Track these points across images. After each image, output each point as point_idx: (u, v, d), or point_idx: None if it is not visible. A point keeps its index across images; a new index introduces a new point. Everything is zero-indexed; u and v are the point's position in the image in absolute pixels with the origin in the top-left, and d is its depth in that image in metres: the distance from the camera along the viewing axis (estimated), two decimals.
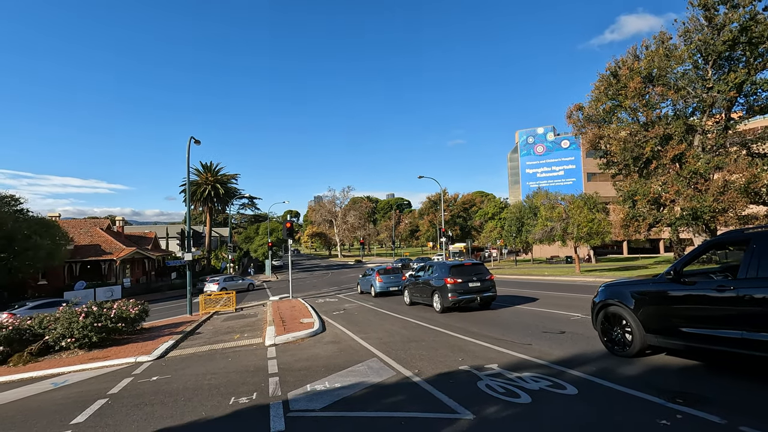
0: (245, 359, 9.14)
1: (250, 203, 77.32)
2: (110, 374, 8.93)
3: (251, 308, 20.52)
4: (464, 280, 13.55)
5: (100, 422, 5.82)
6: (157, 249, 51.97)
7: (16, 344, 11.15)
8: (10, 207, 30.65)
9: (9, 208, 30.51)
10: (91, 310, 11.78)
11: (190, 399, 6.49)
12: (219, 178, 56.75)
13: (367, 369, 7.39)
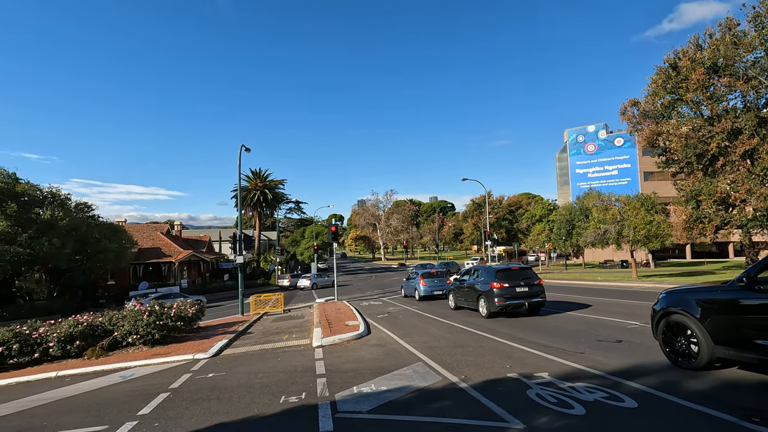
0: (294, 359, 9.41)
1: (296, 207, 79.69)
2: (171, 370, 9.51)
3: (298, 310, 21.10)
4: (511, 284, 13.18)
5: (163, 414, 6.22)
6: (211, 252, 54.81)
7: (90, 339, 12.16)
8: (83, 213, 33.56)
9: (83, 214, 33.41)
10: (154, 309, 12.63)
11: (243, 396, 6.79)
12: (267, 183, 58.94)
13: (412, 373, 7.38)
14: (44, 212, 30.51)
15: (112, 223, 36.64)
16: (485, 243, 44.76)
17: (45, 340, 11.58)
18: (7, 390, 9.32)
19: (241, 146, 21.56)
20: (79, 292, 33.34)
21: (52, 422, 6.41)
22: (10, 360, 11.25)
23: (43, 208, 31.07)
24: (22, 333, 11.51)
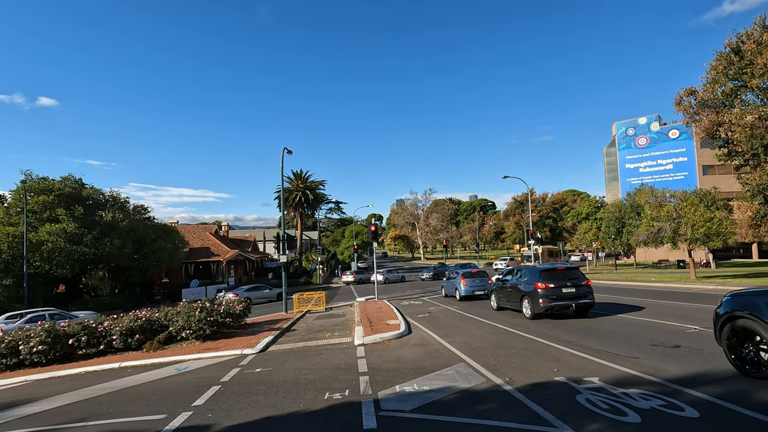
0: (336, 357, 9.59)
1: (336, 208, 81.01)
2: (221, 364, 9.97)
3: (339, 308, 21.45)
4: (557, 285, 12.73)
5: (215, 406, 6.53)
6: (256, 251, 56.85)
7: (148, 333, 12.99)
8: (140, 215, 35.86)
9: (140, 216, 35.70)
10: (205, 305, 13.29)
11: (289, 391, 7.00)
12: (308, 184, 60.31)
13: (455, 374, 7.31)
14: (106, 215, 32.87)
15: (166, 224, 38.90)
16: (528, 242, 43.50)
17: (109, 333, 12.49)
18: (77, 378, 10.14)
19: (284, 149, 22.20)
20: (137, 289, 35.63)
21: (117, 410, 6.90)
22: (80, 351, 12.22)
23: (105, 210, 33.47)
24: (89, 326, 12.48)
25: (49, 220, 29.67)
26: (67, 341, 12.01)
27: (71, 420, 6.59)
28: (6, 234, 28.27)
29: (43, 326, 12.15)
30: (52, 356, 11.77)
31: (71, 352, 12.18)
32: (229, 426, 5.59)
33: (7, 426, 6.67)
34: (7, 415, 7.27)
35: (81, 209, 30.68)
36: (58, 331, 12.07)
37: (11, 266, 27.92)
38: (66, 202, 30.81)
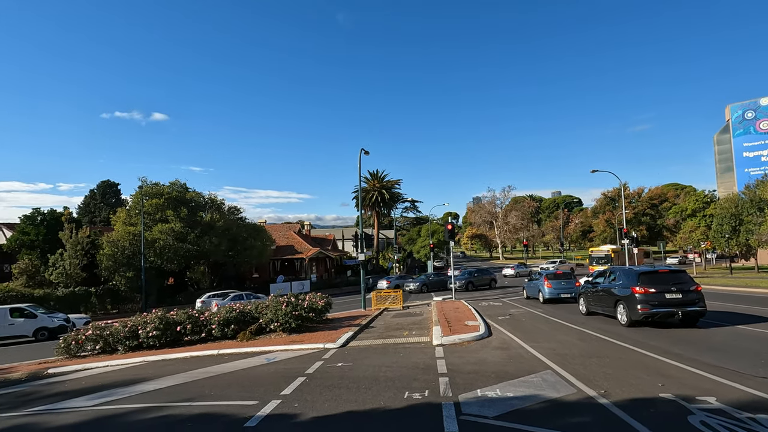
0: (415, 356, 9.57)
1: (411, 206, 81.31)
2: (306, 356, 10.48)
3: (416, 307, 21.45)
4: (659, 290, 11.41)
5: (301, 396, 6.86)
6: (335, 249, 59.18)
7: (242, 324, 14.11)
8: (234, 215, 39.20)
9: (233, 216, 39.04)
10: (290, 300, 14.10)
11: (369, 387, 7.12)
12: (384, 184, 61.30)
13: (541, 381, 6.88)
14: (206, 215, 36.46)
15: (256, 224, 42.11)
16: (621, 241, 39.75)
17: (209, 322, 13.80)
18: (183, 362, 11.34)
19: (361, 150, 22.76)
20: (232, 282, 39.04)
21: (216, 393, 7.57)
22: (185, 337, 13.67)
23: (204, 212, 37.14)
24: (193, 316, 13.90)
25: (160, 221, 33.69)
26: (176, 328, 13.49)
27: (179, 399, 7.36)
28: (128, 233, 32.67)
29: (157, 314, 13.78)
30: (164, 341, 13.31)
31: (179, 338, 13.66)
32: (315, 417, 5.83)
33: (130, 400, 7.66)
34: (130, 391, 8.35)
35: (185, 211, 34.41)
36: (168, 319, 13.61)
37: (132, 261, 32.18)
38: (173, 205, 34.75)
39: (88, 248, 32.83)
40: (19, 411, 7.78)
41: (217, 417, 6.25)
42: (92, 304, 31.62)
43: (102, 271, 32.20)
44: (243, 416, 6.06)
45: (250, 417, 5.98)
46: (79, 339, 13.31)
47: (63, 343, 13.34)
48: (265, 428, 5.58)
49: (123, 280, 32.23)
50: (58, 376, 11.02)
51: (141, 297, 31.65)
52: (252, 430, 5.52)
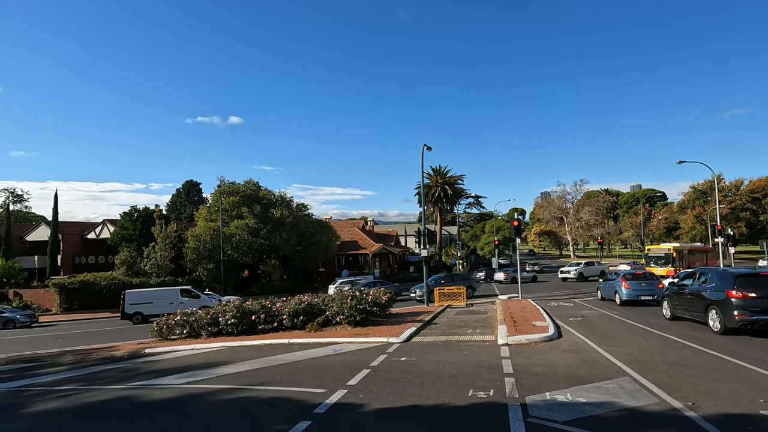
0: (479, 354, 9.41)
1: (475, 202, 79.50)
2: (370, 349, 10.74)
3: (480, 305, 21.01)
4: (761, 294, 10.13)
5: (366, 388, 7.06)
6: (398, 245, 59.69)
7: (310, 315, 14.79)
8: (301, 212, 41.05)
9: (301, 212, 40.89)
10: (355, 294, 14.50)
11: (433, 383, 7.14)
12: (447, 179, 60.58)
13: (617, 388, 6.45)
14: (276, 212, 38.59)
15: (322, 220, 43.79)
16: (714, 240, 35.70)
17: (280, 313, 14.64)
18: (257, 348, 12.16)
19: (423, 145, 22.70)
20: (300, 276, 40.96)
21: (288, 379, 8.04)
22: (259, 326, 14.63)
23: (275, 208, 39.29)
24: (266, 306, 14.83)
25: (236, 217, 36.25)
26: (251, 317, 14.48)
27: (256, 383, 7.93)
28: (208, 228, 35.58)
29: (234, 304, 14.90)
30: (241, 328, 14.35)
31: (253, 327, 14.65)
32: (380, 408, 5.98)
33: (212, 381, 8.39)
34: (212, 373, 9.15)
35: (258, 208, 36.70)
36: (244, 308, 14.65)
37: (212, 253, 35.01)
38: (248, 202, 37.21)
39: (176, 242, 36.25)
40: (122, 384, 8.85)
41: (289, 401, 6.64)
42: None
43: (187, 262, 35.42)
44: (312, 403, 6.38)
45: (319, 404, 6.28)
46: (169, 324, 14.79)
47: (156, 327, 14.91)
48: (333, 415, 5.84)
49: (205, 271, 35.18)
50: (153, 356, 12.36)
51: (220, 287, 34.32)
52: (321, 416, 5.79)
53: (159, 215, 39.64)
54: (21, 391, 9.04)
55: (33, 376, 10.71)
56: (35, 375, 10.80)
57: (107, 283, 33.00)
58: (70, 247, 44.06)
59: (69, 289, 32.73)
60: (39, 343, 17.95)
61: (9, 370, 11.86)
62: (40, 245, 44.14)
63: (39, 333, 22.96)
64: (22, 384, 9.76)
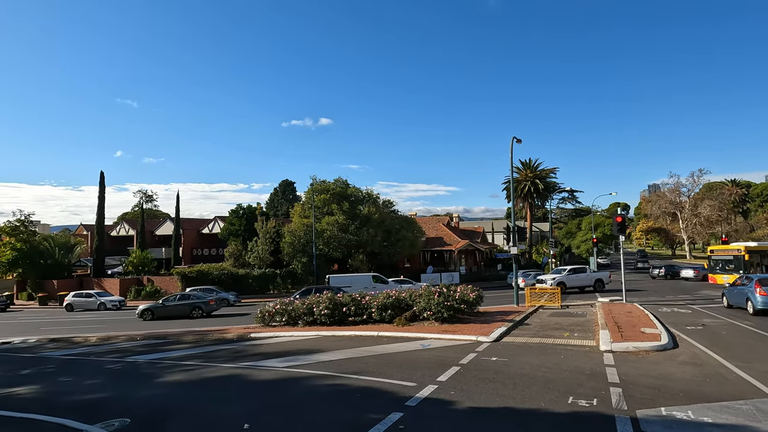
0: (578, 360, 8.76)
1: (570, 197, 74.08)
2: (458, 347, 10.61)
3: (577, 307, 19.53)
4: None
5: (456, 385, 6.99)
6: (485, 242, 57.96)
7: (397, 309, 15.05)
8: (387, 209, 41.87)
9: (387, 209, 41.71)
10: (442, 291, 14.41)
11: (527, 386, 6.82)
12: (538, 173, 57.25)
13: (754, 410, 5.54)
14: (363, 209, 39.84)
15: (407, 216, 44.19)
16: None
17: (369, 306, 15.12)
18: (348, 339, 12.71)
19: (513, 138, 21.68)
20: (386, 271, 41.81)
21: (378, 370, 8.29)
22: (350, 318, 15.27)
23: (362, 205, 40.60)
24: (356, 299, 15.42)
25: (327, 214, 38.20)
26: (342, 309, 15.18)
27: (349, 371, 8.30)
28: (302, 224, 38.02)
29: (327, 296, 15.74)
30: (333, 319, 15.12)
31: (344, 318, 15.34)
32: (472, 407, 5.88)
33: (310, 367, 8.97)
34: (309, 359, 9.79)
35: (347, 205, 38.25)
36: (336, 300, 15.40)
37: (306, 248, 37.37)
38: (337, 200, 38.97)
39: (274, 237, 39.35)
40: (233, 363, 9.88)
41: (381, 392, 6.84)
42: (277, 283, 37.88)
43: (284, 256, 38.25)
44: (403, 395, 6.49)
45: (410, 397, 6.37)
46: (270, 311, 16.13)
47: (260, 314, 16.36)
48: (424, 409, 5.88)
49: (300, 264, 37.69)
50: (257, 340, 13.59)
51: (313, 280, 36.51)
52: (412, 409, 5.87)
53: (260, 212, 43.39)
54: (155, 363, 10.58)
55: (163, 351, 12.45)
56: (165, 350, 12.55)
57: (218, 273, 37.10)
58: (189, 240, 50.46)
59: (189, 277, 37.40)
60: (165, 324, 20.80)
61: (146, 344, 13.94)
62: (166, 239, 51.19)
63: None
64: (156, 357, 11.40)
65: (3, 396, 8.11)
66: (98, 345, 14.54)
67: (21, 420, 6.47)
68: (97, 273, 42.84)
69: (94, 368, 10.50)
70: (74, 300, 31.55)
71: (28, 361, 12.22)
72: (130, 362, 10.94)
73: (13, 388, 8.72)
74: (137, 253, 43.59)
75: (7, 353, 13.92)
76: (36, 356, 12.92)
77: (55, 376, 9.93)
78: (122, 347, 13.66)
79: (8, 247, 39.77)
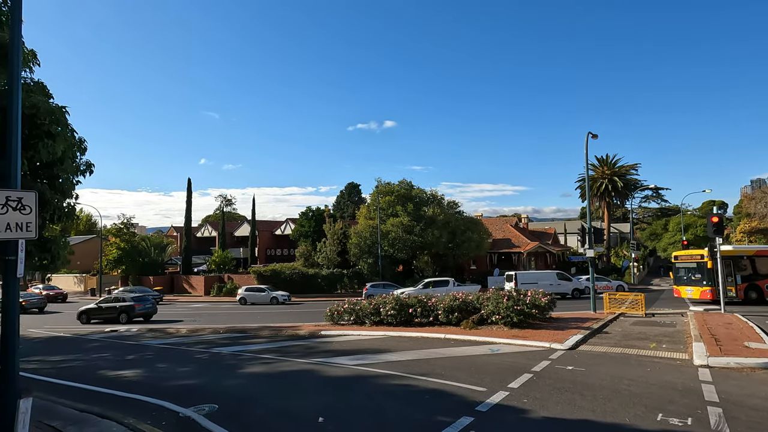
0: (667, 374, 8.00)
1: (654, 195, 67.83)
2: (530, 353, 10.18)
3: (665, 315, 17.82)
4: None
5: (530, 393, 6.72)
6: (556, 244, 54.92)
7: (464, 312, 14.80)
8: (452, 210, 41.34)
9: (452, 210, 41.19)
10: (512, 294, 13.93)
11: (609, 399, 6.37)
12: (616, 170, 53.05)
13: None
14: (428, 210, 39.73)
15: (473, 217, 43.29)
16: None
17: (435, 308, 15.03)
18: (414, 340, 12.75)
19: (588, 134, 20.37)
20: (452, 272, 41.28)
21: (447, 373, 8.22)
22: (416, 319, 15.30)
23: (427, 206, 40.49)
24: (422, 301, 15.42)
25: (391, 215, 38.63)
26: (408, 310, 15.26)
27: (417, 372, 8.34)
28: (368, 226, 38.80)
29: (393, 296, 15.91)
30: (399, 320, 15.25)
31: (410, 319, 15.39)
32: (547, 417, 5.63)
33: (378, 366, 9.15)
34: (377, 358, 9.98)
35: (411, 206, 38.37)
36: (402, 301, 15.52)
37: (371, 249, 38.08)
38: (402, 201, 39.25)
39: (341, 238, 40.59)
40: (306, 359, 10.36)
41: (450, 395, 6.78)
42: (344, 283, 39.01)
43: (351, 257, 39.30)
44: (473, 400, 6.39)
45: (480, 402, 6.25)
46: (339, 311, 16.67)
47: (329, 313, 16.97)
48: (496, 416, 5.74)
49: (366, 265, 38.50)
50: (327, 338, 14.11)
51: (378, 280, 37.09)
52: (483, 414, 5.76)
53: (328, 214, 45.04)
54: (237, 355, 11.42)
55: (243, 344, 13.39)
56: (245, 343, 13.49)
57: (290, 272, 39.13)
58: (263, 241, 53.85)
59: (263, 276, 39.83)
60: (243, 319, 22.33)
61: (227, 337, 15.09)
62: (244, 239, 55.02)
63: (244, 310, 28.58)
64: (238, 349, 12.30)
65: (113, 377, 9.26)
66: (187, 336, 16.01)
67: (129, 399, 7.34)
68: (185, 270, 47.15)
69: (185, 357, 11.59)
70: (246, 294, 32.83)
71: (132, 348, 13.79)
72: (215, 353, 11.92)
73: (121, 371, 9.92)
74: (219, 253, 47.29)
75: (115, 340, 15.83)
76: (138, 344, 14.54)
77: (153, 362, 11.12)
78: (208, 339, 14.90)
79: (114, 246, 45.22)
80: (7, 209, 4.82)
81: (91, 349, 14.10)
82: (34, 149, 7.03)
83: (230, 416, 6.18)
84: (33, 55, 8.26)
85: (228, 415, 6.20)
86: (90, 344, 15.12)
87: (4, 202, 4.81)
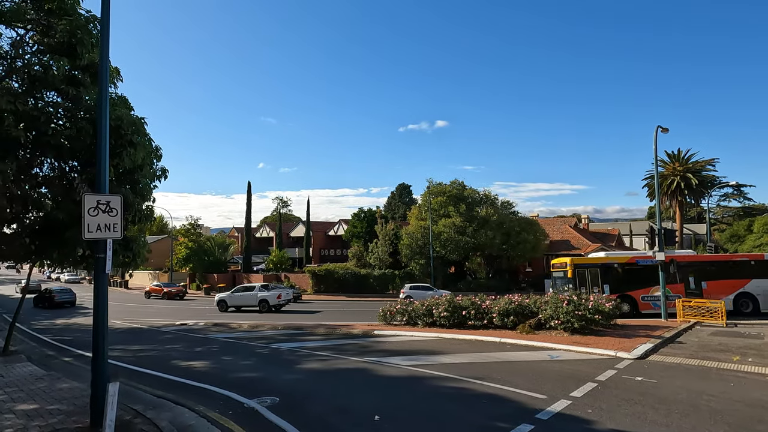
0: (755, 391, 7.23)
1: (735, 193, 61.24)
2: (593, 361, 9.64)
3: (751, 326, 16.10)
4: None
5: (594, 404, 6.37)
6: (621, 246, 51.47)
7: (520, 316, 14.31)
8: (506, 210, 40.13)
9: (506, 210, 40.00)
10: (572, 299, 13.26)
11: (685, 415, 5.88)
12: (689, 166, 48.78)
13: None
14: (481, 210, 38.86)
15: (528, 218, 41.76)
16: None
17: (489, 311, 14.66)
18: (468, 343, 12.52)
19: (657, 127, 18.92)
20: (506, 275, 40.06)
21: (503, 378, 7.99)
22: (469, 321, 15.00)
23: (480, 207, 39.63)
24: (476, 303, 15.10)
25: (443, 216, 38.22)
26: (461, 312, 15.01)
27: (472, 376, 8.18)
28: (419, 226, 38.69)
29: (446, 298, 15.75)
30: (452, 322, 15.03)
31: (463, 322, 15.12)
32: (614, 429, 5.31)
33: (432, 367, 9.09)
34: (431, 359, 9.92)
35: (464, 206, 37.75)
36: (455, 303, 15.30)
37: (423, 250, 37.92)
38: (454, 202, 38.71)
39: (393, 239, 40.82)
40: (361, 357, 10.53)
41: (508, 401, 6.60)
42: (396, 284, 39.16)
43: (402, 257, 39.39)
44: (533, 407, 6.16)
45: (541, 410, 6.02)
46: (392, 311, 16.77)
47: (382, 313, 17.12)
48: (558, 425, 5.50)
49: (417, 266, 38.40)
50: (380, 337, 14.24)
51: (430, 281, 36.83)
52: (544, 423, 5.55)
53: (379, 215, 45.47)
54: (295, 351, 11.86)
55: (300, 341, 13.88)
56: (302, 340, 13.97)
57: (343, 272, 40.02)
58: (317, 241, 55.50)
59: (317, 275, 41.00)
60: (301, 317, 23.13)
61: (285, 333, 15.71)
62: (299, 240, 57.01)
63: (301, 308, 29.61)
64: (295, 346, 12.77)
65: (185, 367, 9.98)
66: (249, 331, 16.86)
67: (199, 389, 7.88)
68: (246, 269, 49.72)
69: (248, 351, 12.23)
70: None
71: (199, 340, 14.78)
72: (275, 348, 12.46)
73: (191, 362, 10.66)
74: (276, 253, 49.37)
75: (185, 333, 17.04)
76: (204, 337, 15.55)
77: (219, 355, 11.84)
78: (267, 335, 15.61)
79: (183, 246, 48.72)
80: (98, 211, 5.37)
81: (164, 340, 15.28)
82: (119, 157, 7.76)
83: (291, 410, 6.43)
84: (117, 72, 9.11)
85: (289, 409, 6.46)
86: (163, 336, 16.38)
87: (95, 205, 5.37)
